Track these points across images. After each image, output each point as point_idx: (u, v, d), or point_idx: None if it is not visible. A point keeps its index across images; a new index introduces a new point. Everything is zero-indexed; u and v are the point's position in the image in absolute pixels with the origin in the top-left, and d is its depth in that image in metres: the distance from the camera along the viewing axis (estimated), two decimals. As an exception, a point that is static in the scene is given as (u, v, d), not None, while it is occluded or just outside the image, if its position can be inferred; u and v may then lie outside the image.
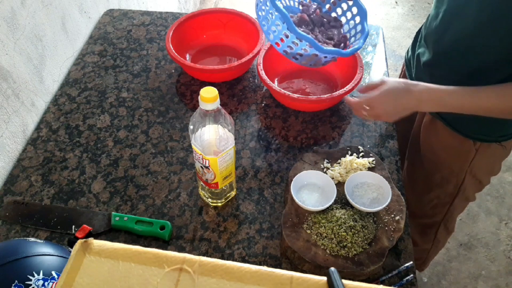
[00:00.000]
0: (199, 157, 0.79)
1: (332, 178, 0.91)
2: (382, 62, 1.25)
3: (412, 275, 0.81)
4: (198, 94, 0.75)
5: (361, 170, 0.92)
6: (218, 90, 0.71)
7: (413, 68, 1.03)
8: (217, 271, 0.48)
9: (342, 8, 1.08)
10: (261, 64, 1.08)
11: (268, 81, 1.03)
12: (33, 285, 0.63)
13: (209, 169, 0.80)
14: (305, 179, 0.89)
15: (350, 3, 1.06)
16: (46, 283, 0.64)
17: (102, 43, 1.29)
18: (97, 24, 1.36)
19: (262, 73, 1.06)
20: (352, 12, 1.06)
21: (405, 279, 0.80)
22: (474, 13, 0.78)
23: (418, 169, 1.13)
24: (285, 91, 1.02)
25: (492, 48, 0.79)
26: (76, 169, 0.98)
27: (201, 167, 0.81)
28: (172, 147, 1.03)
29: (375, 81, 0.90)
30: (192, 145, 0.79)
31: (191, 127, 0.77)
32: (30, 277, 0.63)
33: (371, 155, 0.96)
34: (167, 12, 1.41)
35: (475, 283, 1.68)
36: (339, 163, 0.95)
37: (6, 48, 0.95)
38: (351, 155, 0.96)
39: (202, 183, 0.87)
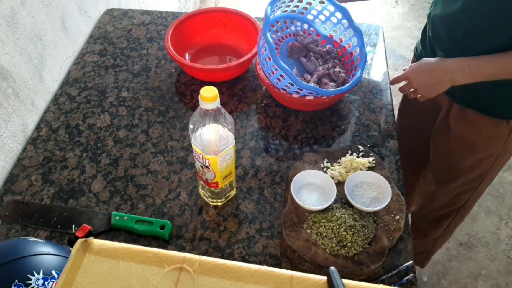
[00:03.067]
0: (199, 157, 0.79)
1: (332, 178, 0.91)
2: (382, 61, 1.24)
3: (412, 274, 0.81)
4: (198, 93, 0.75)
5: (361, 169, 0.92)
6: (218, 89, 0.71)
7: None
8: (217, 270, 0.48)
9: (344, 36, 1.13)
10: (260, 64, 1.08)
11: (266, 80, 1.03)
12: (33, 285, 0.63)
13: (209, 168, 0.80)
14: (305, 179, 0.89)
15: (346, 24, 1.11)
16: (46, 283, 0.64)
17: (102, 42, 1.29)
18: (97, 24, 1.36)
19: (261, 72, 1.06)
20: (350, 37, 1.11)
21: (405, 279, 0.80)
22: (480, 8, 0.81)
23: (445, 159, 1.14)
24: (285, 90, 1.02)
25: (510, 25, 0.82)
26: (76, 168, 0.98)
27: (201, 166, 0.81)
28: (172, 146, 1.03)
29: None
30: (192, 144, 0.79)
31: (191, 126, 0.77)
32: (30, 277, 0.63)
33: (371, 154, 0.96)
34: (167, 12, 1.41)
35: (475, 283, 1.68)
36: (339, 163, 0.95)
37: (6, 47, 0.95)
38: (351, 154, 0.96)
39: (202, 183, 0.87)
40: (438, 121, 1.14)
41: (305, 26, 1.16)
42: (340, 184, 0.90)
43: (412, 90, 0.98)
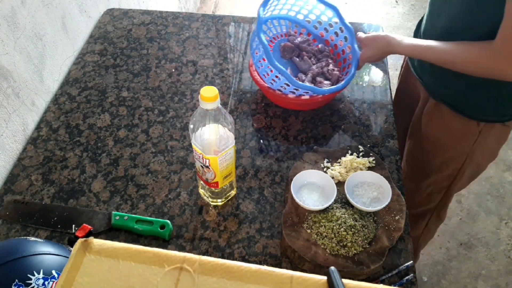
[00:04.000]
0: (199, 156, 0.79)
1: (332, 178, 0.91)
2: (382, 61, 1.24)
3: (412, 274, 0.81)
4: (198, 93, 0.75)
5: (361, 169, 0.92)
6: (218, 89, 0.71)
7: None
8: (217, 270, 0.48)
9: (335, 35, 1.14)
10: (254, 65, 1.07)
11: (261, 82, 1.03)
12: (33, 284, 0.63)
13: (209, 168, 0.80)
14: (305, 179, 0.89)
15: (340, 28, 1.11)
16: (46, 282, 0.64)
17: (102, 42, 1.29)
18: (97, 23, 1.36)
19: (255, 74, 1.05)
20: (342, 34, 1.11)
21: (405, 279, 0.80)
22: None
23: (417, 156, 1.17)
24: (280, 91, 1.01)
25: (479, 27, 0.84)
26: (76, 168, 0.98)
27: (201, 166, 0.81)
28: (172, 146, 1.03)
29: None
30: (192, 144, 0.79)
31: (191, 126, 0.77)
32: (31, 276, 0.63)
33: (371, 154, 0.96)
34: (167, 12, 1.41)
35: (475, 283, 1.68)
36: (339, 163, 0.95)
37: (6, 47, 0.95)
38: (351, 154, 0.96)
39: (202, 182, 0.87)
40: (413, 118, 1.16)
41: (296, 26, 1.16)
42: (340, 184, 0.90)
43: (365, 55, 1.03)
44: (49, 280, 0.64)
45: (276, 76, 0.96)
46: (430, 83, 1.03)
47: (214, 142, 0.78)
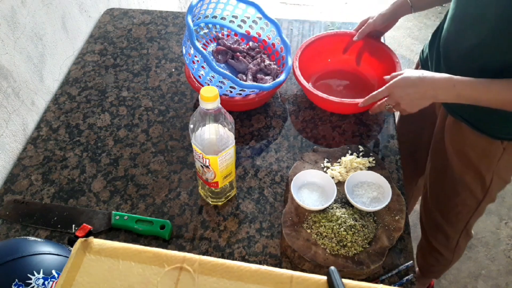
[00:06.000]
0: (199, 156, 0.79)
1: (332, 178, 0.91)
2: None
3: (412, 274, 0.81)
4: (198, 93, 0.75)
5: (361, 169, 0.92)
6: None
7: (432, 68, 1.02)
8: (217, 270, 0.48)
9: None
10: (193, 75, 1.05)
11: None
12: (33, 284, 0.63)
13: (209, 168, 0.80)
14: (305, 178, 0.89)
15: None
16: (46, 282, 0.64)
17: (102, 42, 1.29)
18: (97, 23, 1.36)
19: (196, 84, 1.03)
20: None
21: (405, 279, 0.80)
22: (493, 18, 0.78)
23: (443, 173, 1.11)
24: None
25: (510, 51, 0.79)
26: (76, 168, 0.98)
27: (201, 166, 0.81)
28: (172, 146, 1.03)
29: (398, 72, 0.92)
30: (192, 144, 0.79)
31: (191, 126, 0.77)
32: (31, 276, 0.63)
33: (371, 154, 0.96)
34: (167, 11, 1.41)
35: (475, 283, 1.68)
36: (339, 163, 0.95)
37: (6, 47, 0.95)
38: (351, 154, 0.96)
39: (202, 182, 0.87)
40: (435, 131, 1.12)
41: (221, 28, 1.17)
42: (340, 184, 0.90)
43: (393, 105, 0.92)
44: (49, 280, 0.64)
45: (220, 82, 0.96)
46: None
47: (214, 142, 0.78)
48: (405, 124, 1.27)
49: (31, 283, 0.63)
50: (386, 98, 0.93)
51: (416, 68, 1.15)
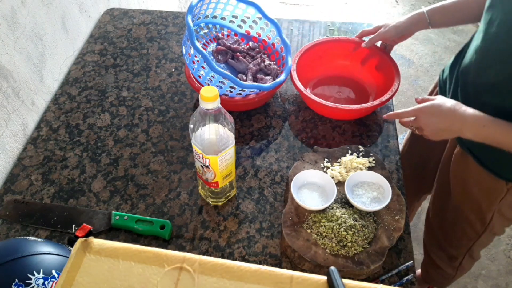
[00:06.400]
0: (199, 156, 0.79)
1: (332, 178, 0.91)
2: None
3: (412, 274, 0.81)
4: (198, 93, 0.75)
5: (361, 169, 0.92)
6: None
7: (449, 92, 0.98)
8: (217, 270, 0.48)
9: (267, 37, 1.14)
10: (193, 75, 1.05)
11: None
12: (33, 284, 0.63)
13: (209, 168, 0.80)
14: (305, 178, 0.89)
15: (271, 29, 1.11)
16: (46, 282, 0.64)
17: (102, 42, 1.29)
18: (97, 23, 1.36)
19: (196, 84, 1.03)
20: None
21: (405, 279, 0.80)
22: None
23: (446, 199, 1.09)
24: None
25: None
26: (76, 168, 0.98)
27: (201, 166, 0.81)
28: (172, 146, 1.03)
29: (432, 96, 0.88)
30: (192, 144, 0.79)
31: (191, 126, 0.77)
32: (31, 276, 0.63)
33: (371, 154, 0.96)
34: (167, 11, 1.41)
35: (475, 283, 1.68)
36: (339, 163, 0.95)
37: (6, 47, 0.95)
38: (351, 154, 0.96)
39: (202, 182, 0.88)
40: (443, 156, 1.09)
41: (221, 28, 1.17)
42: (340, 184, 0.90)
43: (417, 127, 0.89)
44: (49, 280, 0.64)
45: (220, 82, 0.96)
46: None
47: (214, 142, 0.78)
48: (417, 138, 1.25)
49: (31, 283, 0.63)
50: (411, 119, 0.89)
51: (434, 87, 1.12)
